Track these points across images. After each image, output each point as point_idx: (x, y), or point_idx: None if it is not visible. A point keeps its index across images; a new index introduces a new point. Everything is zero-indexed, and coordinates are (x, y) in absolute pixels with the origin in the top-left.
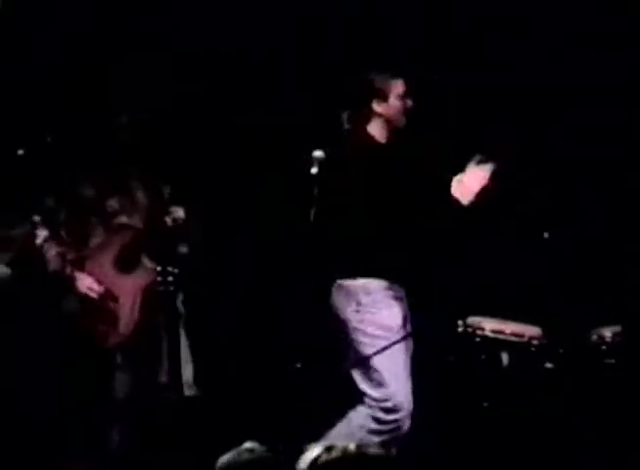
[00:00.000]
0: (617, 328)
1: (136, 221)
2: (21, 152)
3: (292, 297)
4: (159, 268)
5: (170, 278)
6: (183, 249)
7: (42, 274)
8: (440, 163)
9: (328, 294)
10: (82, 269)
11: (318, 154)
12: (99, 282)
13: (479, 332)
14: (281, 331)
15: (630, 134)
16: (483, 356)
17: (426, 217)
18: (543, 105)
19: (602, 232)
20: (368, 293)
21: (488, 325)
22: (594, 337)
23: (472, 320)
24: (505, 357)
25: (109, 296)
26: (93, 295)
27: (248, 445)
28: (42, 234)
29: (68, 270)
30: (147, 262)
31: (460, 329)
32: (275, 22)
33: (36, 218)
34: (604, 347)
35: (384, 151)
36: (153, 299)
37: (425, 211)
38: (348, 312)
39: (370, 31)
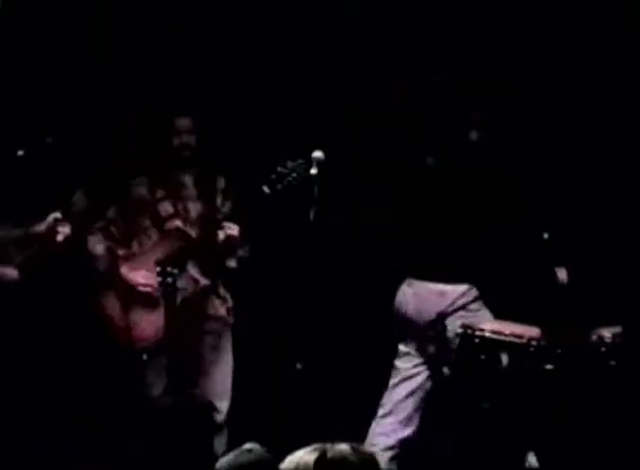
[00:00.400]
0: (618, 329)
1: (189, 228)
2: (20, 153)
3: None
4: (158, 269)
5: (169, 279)
6: (232, 263)
7: (65, 270)
8: None
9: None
10: (129, 265)
11: (317, 155)
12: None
13: (478, 333)
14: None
15: (630, 134)
16: (483, 357)
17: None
18: (543, 105)
19: (602, 232)
20: (473, 299)
21: (488, 326)
22: (594, 338)
23: (472, 321)
24: (505, 358)
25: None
26: (146, 288)
27: (248, 445)
28: (64, 231)
29: (117, 265)
30: (191, 271)
31: (460, 330)
32: (275, 22)
33: (57, 215)
34: (604, 348)
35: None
36: (192, 306)
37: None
38: (448, 316)
39: (370, 31)
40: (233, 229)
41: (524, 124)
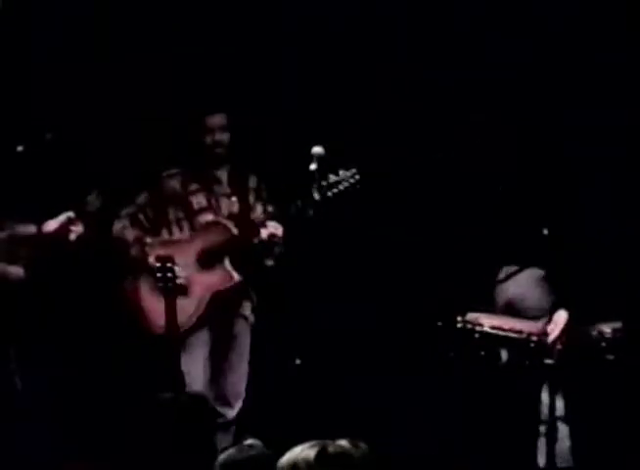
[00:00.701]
0: (618, 324)
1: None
2: (20, 148)
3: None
4: (158, 265)
5: (169, 274)
6: (269, 262)
7: (76, 267)
8: None
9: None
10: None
11: (317, 150)
12: None
13: (478, 328)
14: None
15: (630, 134)
16: (483, 353)
17: None
18: (543, 105)
19: (602, 228)
20: None
21: (487, 321)
22: (594, 333)
23: (471, 316)
24: (504, 354)
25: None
26: (179, 280)
27: (248, 441)
28: (77, 230)
29: (144, 252)
30: (227, 266)
31: (459, 325)
32: (275, 21)
33: (70, 214)
34: (604, 343)
35: None
36: (223, 303)
37: None
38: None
39: (370, 31)
40: (277, 229)
41: (523, 124)
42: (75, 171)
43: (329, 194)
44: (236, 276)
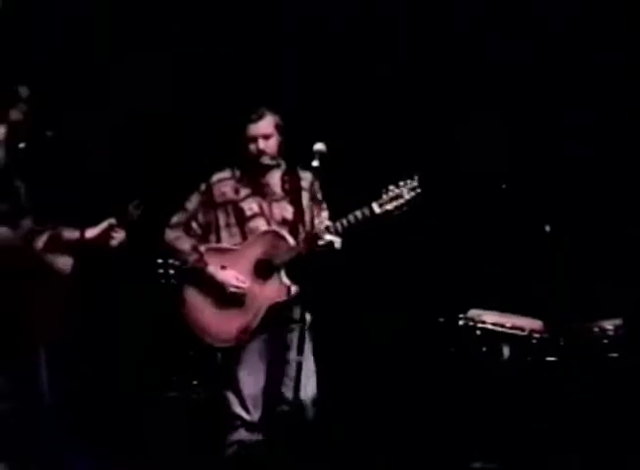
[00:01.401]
0: (619, 321)
1: (278, 229)
2: (22, 145)
3: None
4: (160, 261)
5: (172, 271)
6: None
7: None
8: None
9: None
10: (220, 262)
11: (319, 147)
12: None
13: (480, 325)
14: None
15: (630, 134)
16: (485, 349)
17: None
18: (543, 105)
19: (603, 226)
20: None
21: (489, 318)
22: (596, 330)
23: (473, 313)
24: (506, 350)
25: (239, 295)
26: (237, 290)
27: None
28: (119, 237)
29: (204, 262)
30: (284, 278)
31: (461, 322)
32: (275, 21)
33: (112, 221)
34: (605, 340)
35: None
36: (276, 314)
37: None
38: None
39: (370, 31)
40: (336, 242)
41: (523, 124)
42: (76, 169)
43: (389, 207)
44: (293, 289)
